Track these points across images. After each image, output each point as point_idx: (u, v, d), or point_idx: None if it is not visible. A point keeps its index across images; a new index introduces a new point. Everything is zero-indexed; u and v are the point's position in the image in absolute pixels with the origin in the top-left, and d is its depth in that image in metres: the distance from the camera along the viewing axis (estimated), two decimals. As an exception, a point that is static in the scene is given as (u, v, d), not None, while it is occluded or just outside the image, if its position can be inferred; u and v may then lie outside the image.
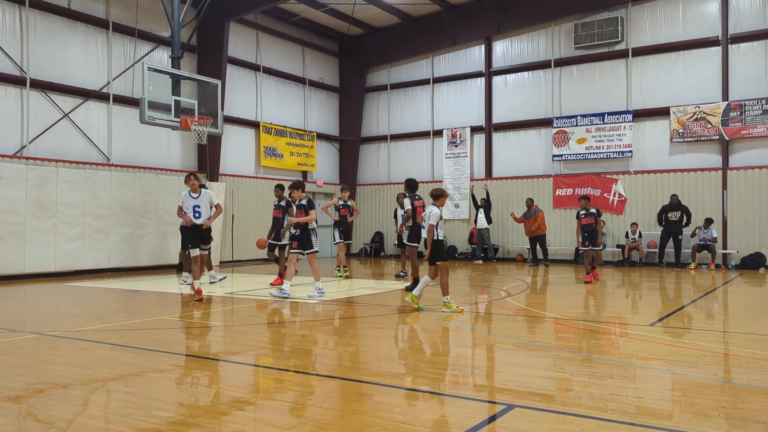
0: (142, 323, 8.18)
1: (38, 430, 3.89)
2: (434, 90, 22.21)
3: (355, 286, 12.62)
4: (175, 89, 13.97)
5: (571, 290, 11.98)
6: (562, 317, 8.36)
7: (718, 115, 17.04)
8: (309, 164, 22.09)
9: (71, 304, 10.13)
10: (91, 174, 15.27)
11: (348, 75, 23.64)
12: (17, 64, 14.30)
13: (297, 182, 10.58)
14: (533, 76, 20.26)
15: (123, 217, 15.82)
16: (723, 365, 5.70)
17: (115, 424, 4.01)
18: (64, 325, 7.99)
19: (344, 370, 5.53)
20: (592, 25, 18.78)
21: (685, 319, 8.52)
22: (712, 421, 3.98)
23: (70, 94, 15.27)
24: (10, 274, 13.61)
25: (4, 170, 13.59)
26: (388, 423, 3.95)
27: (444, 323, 8.20)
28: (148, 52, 16.99)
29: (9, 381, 5.07)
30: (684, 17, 17.81)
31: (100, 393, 4.80)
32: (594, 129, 18.86)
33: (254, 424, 4.01)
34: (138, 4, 16.75)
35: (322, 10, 20.16)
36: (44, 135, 14.73)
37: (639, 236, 17.53)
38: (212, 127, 14.47)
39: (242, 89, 19.76)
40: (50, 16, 14.96)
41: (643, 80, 18.39)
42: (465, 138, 21.29)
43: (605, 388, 4.82)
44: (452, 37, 21.16)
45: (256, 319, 8.60)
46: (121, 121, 16.33)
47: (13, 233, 13.68)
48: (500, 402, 4.47)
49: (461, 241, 21.26)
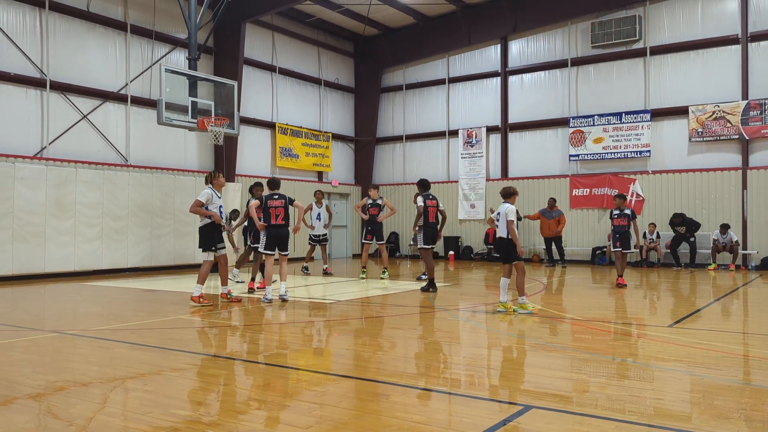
0: (160, 322, 8.25)
1: (58, 428, 3.94)
2: (450, 90, 22.16)
3: (370, 286, 12.63)
4: (192, 90, 14.06)
5: (588, 291, 11.90)
6: (580, 318, 8.31)
7: (737, 114, 16.84)
8: (324, 165, 22.14)
9: (90, 304, 10.24)
10: (110, 175, 15.43)
11: (363, 75, 23.66)
12: (37, 66, 14.48)
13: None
14: (549, 76, 20.14)
15: (141, 217, 15.97)
16: (743, 367, 5.62)
17: (134, 422, 4.05)
18: (83, 324, 8.08)
19: (360, 370, 5.54)
20: (609, 23, 18.64)
21: (705, 320, 8.43)
22: (732, 423, 3.93)
23: (88, 96, 15.45)
24: (30, 273, 13.79)
25: (24, 171, 13.77)
26: (405, 423, 3.95)
27: (463, 324, 8.18)
28: (165, 54, 17.13)
29: (30, 379, 5.14)
30: (703, 15, 17.62)
31: (118, 391, 4.84)
32: (611, 129, 18.72)
33: (272, 423, 4.02)
34: (155, 6, 16.90)
35: (337, 10, 20.20)
36: (64, 136, 14.90)
37: (657, 237, 17.37)
38: (228, 127, 14.54)
39: (258, 90, 19.85)
40: (69, 19, 15.14)
41: (661, 79, 18.21)
42: (481, 138, 21.22)
43: (623, 390, 4.78)
44: (468, 36, 21.11)
45: (272, 318, 8.63)
46: (139, 123, 16.48)
47: (34, 233, 13.87)
48: (517, 403, 4.45)
49: (477, 242, 21.20)
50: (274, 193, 10.21)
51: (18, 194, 13.63)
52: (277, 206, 10.05)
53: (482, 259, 20.53)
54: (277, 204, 10.06)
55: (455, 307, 9.59)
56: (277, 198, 10.11)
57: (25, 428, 3.91)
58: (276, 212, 10.02)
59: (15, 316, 8.72)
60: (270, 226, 10.04)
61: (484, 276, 15.13)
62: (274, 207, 10.03)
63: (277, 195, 10.16)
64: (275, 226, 10.03)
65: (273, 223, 10.02)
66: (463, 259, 20.89)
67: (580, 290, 12.01)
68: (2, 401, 4.52)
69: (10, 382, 5.06)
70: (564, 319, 8.34)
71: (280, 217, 10.04)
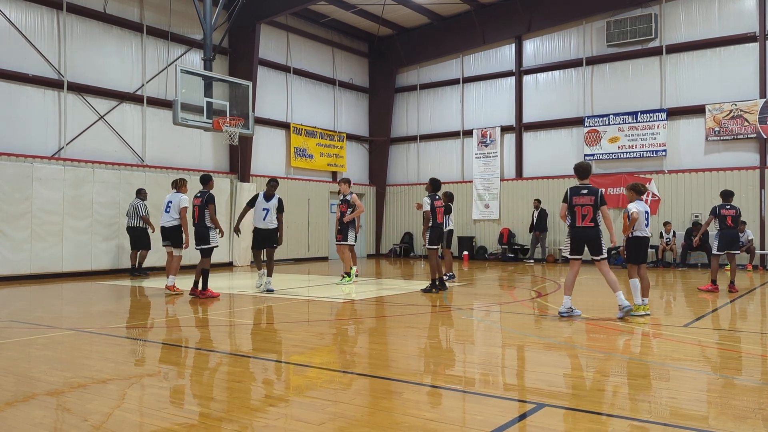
0: (175, 320, 8.31)
1: (75, 423, 3.99)
2: (464, 90, 22.12)
3: (384, 285, 12.63)
4: (207, 91, 14.16)
5: (603, 290, 11.81)
6: (594, 317, 8.26)
7: (755, 112, 16.65)
8: (339, 165, 22.18)
9: (107, 302, 10.34)
10: (126, 175, 15.57)
11: (378, 76, 23.69)
12: (55, 67, 14.66)
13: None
14: (564, 75, 20.04)
15: (157, 217, 16.03)
16: (760, 367, 5.56)
17: (150, 417, 4.09)
18: (99, 321, 8.16)
19: (374, 368, 5.55)
20: (624, 22, 18.51)
21: (721, 320, 8.34)
22: (749, 423, 3.89)
23: (105, 97, 15.61)
24: (48, 272, 13.96)
25: (42, 171, 13.94)
26: (417, 420, 3.95)
27: (477, 323, 8.16)
28: (180, 55, 17.26)
29: (48, 375, 5.21)
30: (720, 12, 17.44)
31: (134, 387, 4.89)
32: (627, 128, 18.59)
33: (285, 420, 4.04)
34: (171, 8, 17.03)
35: (351, 11, 20.24)
36: (81, 137, 15.07)
37: (673, 236, 17.22)
38: (243, 128, 14.63)
39: (273, 90, 19.94)
40: (86, 20, 15.30)
41: (678, 78, 18.05)
42: (495, 138, 21.16)
43: (637, 389, 4.75)
44: (482, 36, 21.06)
45: (286, 317, 8.67)
46: (155, 123, 16.61)
47: (51, 232, 14.03)
48: (530, 401, 4.44)
49: (491, 242, 21.13)
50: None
51: (36, 194, 13.80)
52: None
53: (496, 259, 20.47)
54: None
55: (469, 307, 9.58)
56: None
57: (43, 423, 3.97)
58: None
59: (33, 314, 8.83)
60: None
61: (498, 276, 15.08)
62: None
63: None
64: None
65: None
66: (477, 259, 20.84)
67: (594, 289, 11.93)
68: (21, 397, 4.58)
69: (29, 378, 5.13)
70: (578, 318, 8.29)
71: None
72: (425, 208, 11.01)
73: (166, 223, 11.19)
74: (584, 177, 8.36)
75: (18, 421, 4.00)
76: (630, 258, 8.60)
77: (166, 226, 11.19)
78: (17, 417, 4.09)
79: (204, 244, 10.40)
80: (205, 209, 10.36)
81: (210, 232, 10.39)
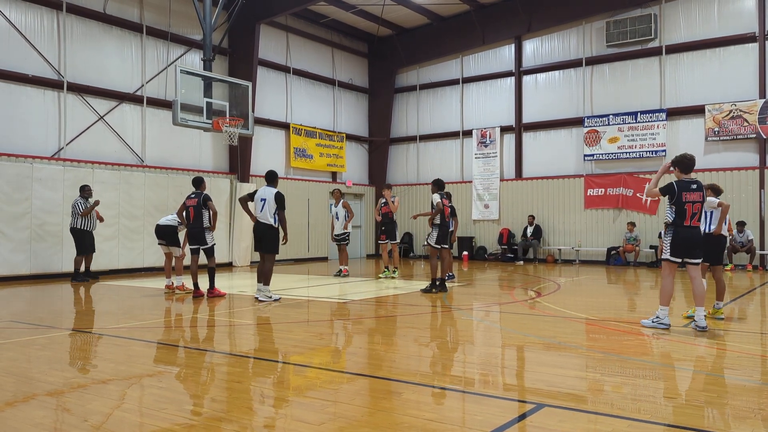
0: (175, 321, 8.31)
1: (75, 423, 3.99)
2: (464, 90, 22.13)
3: (384, 285, 12.64)
4: (206, 91, 14.17)
5: (603, 291, 11.83)
6: (594, 318, 8.26)
7: (755, 112, 16.66)
8: (338, 165, 22.19)
9: (106, 302, 10.34)
10: (126, 175, 15.57)
11: (377, 76, 23.70)
12: (55, 67, 14.66)
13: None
14: (564, 75, 20.05)
15: (156, 217, 15.99)
16: (760, 367, 5.56)
17: (150, 418, 4.09)
18: (99, 322, 8.17)
19: (373, 368, 5.55)
20: (624, 22, 18.52)
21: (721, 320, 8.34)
22: (748, 423, 3.90)
23: (105, 97, 15.61)
24: (48, 273, 13.95)
25: (42, 171, 13.94)
26: (417, 420, 3.96)
27: (477, 323, 8.16)
28: (180, 55, 17.27)
29: (47, 375, 5.21)
30: (719, 13, 17.44)
31: (134, 388, 4.90)
32: (626, 128, 18.59)
33: (285, 420, 4.05)
34: (171, 8, 17.04)
35: (351, 11, 20.25)
36: (80, 137, 15.07)
37: (673, 237, 17.19)
38: (243, 128, 14.63)
39: (272, 91, 19.94)
40: (86, 21, 15.31)
41: (677, 78, 18.06)
42: (495, 138, 21.17)
43: (637, 389, 4.75)
44: (482, 36, 21.07)
45: (285, 317, 8.67)
46: (155, 123, 16.62)
47: (51, 233, 14.03)
48: (530, 401, 4.44)
49: (491, 242, 21.14)
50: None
51: (36, 194, 13.80)
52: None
53: (496, 259, 20.48)
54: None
55: (469, 307, 9.58)
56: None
57: (42, 423, 3.97)
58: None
59: (33, 314, 8.83)
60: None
61: (498, 276, 15.09)
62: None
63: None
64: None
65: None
66: (477, 259, 20.84)
67: (594, 290, 11.94)
68: (21, 397, 4.58)
69: (29, 378, 5.14)
70: (578, 318, 8.30)
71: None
72: (437, 200, 11.05)
73: (162, 222, 11.33)
74: (689, 170, 7.48)
75: (18, 421, 4.00)
76: (707, 258, 8.19)
77: (161, 224, 11.31)
78: (17, 417, 4.10)
79: (202, 245, 10.41)
80: (202, 209, 10.36)
81: (206, 233, 10.40)
